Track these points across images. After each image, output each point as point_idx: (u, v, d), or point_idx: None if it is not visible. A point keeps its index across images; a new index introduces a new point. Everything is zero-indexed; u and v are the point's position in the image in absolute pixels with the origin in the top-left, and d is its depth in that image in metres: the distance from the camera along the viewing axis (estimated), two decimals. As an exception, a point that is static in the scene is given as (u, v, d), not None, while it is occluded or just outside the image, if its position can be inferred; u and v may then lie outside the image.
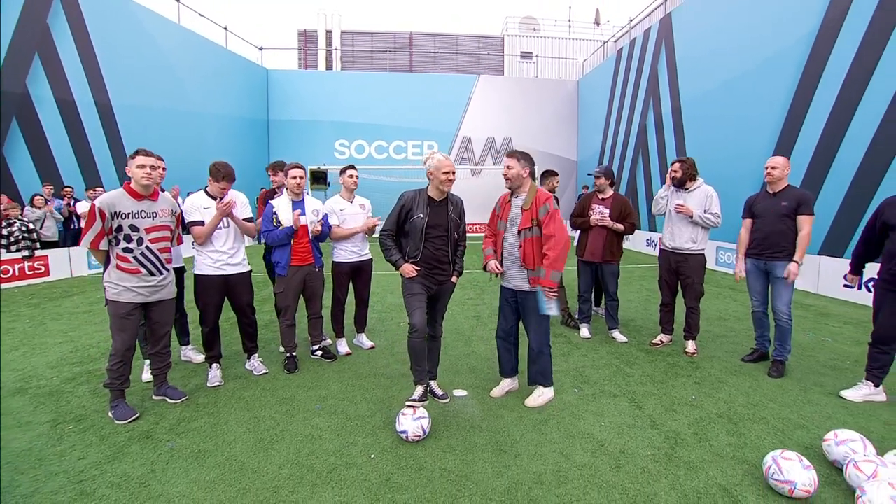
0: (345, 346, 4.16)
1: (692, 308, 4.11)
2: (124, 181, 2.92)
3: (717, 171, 8.31)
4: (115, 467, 2.35)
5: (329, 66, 21.16)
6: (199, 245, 3.35)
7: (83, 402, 3.12)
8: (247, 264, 3.55)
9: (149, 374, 3.46)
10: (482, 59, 21.94)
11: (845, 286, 6.55)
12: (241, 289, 3.50)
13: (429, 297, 3.00)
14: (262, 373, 3.63)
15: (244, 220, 3.50)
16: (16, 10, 8.73)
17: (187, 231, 3.35)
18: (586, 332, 4.66)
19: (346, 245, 3.97)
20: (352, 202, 4.02)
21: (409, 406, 2.76)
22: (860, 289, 6.34)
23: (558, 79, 19.79)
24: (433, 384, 3.22)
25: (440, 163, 2.89)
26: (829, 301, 6.45)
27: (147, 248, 2.88)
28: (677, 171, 4.04)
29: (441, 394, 3.20)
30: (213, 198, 3.36)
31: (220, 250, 3.35)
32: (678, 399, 3.21)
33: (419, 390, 2.97)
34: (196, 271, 3.39)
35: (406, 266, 2.92)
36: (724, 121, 9.90)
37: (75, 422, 2.84)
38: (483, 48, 22.09)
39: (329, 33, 21.42)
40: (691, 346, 4.13)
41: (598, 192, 4.63)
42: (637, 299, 6.40)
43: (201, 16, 14.16)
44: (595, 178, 4.58)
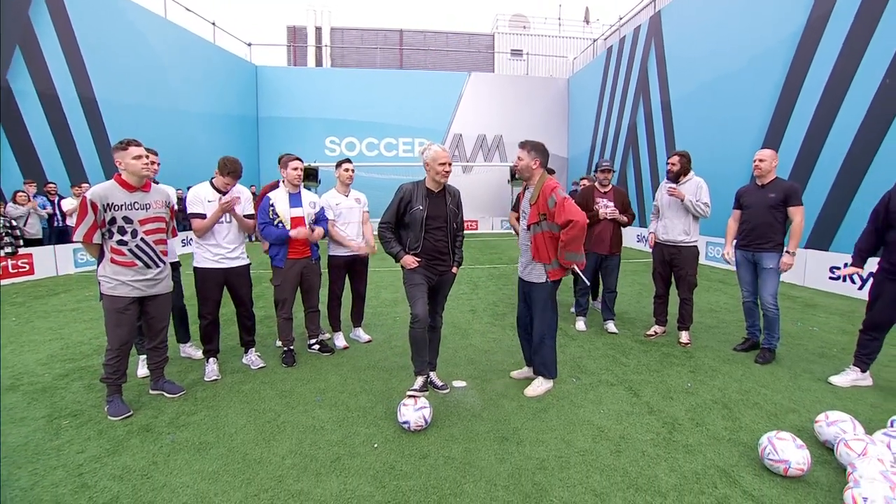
0: (342, 339, 4.15)
1: (686, 299, 4.19)
2: (114, 173, 2.85)
3: (705, 168, 8.40)
4: (116, 460, 2.33)
5: (319, 62, 21.00)
6: (198, 238, 3.32)
7: (78, 398, 3.07)
8: (246, 258, 3.52)
9: (144, 369, 3.42)
10: (473, 56, 21.96)
11: (831, 278, 6.74)
12: (240, 281, 3.48)
13: (429, 288, 3.01)
14: (259, 367, 3.61)
15: (245, 216, 3.49)
16: (-4, 2, 8.50)
17: (185, 226, 3.31)
18: (582, 325, 4.72)
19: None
20: (347, 196, 4.01)
21: (411, 396, 2.77)
22: (845, 281, 6.52)
23: (549, 76, 19.91)
24: (433, 375, 3.24)
25: (437, 154, 2.90)
26: (815, 293, 6.62)
27: (142, 239, 2.83)
28: (675, 164, 4.11)
29: (441, 384, 3.22)
30: (218, 191, 3.34)
31: (220, 244, 3.33)
32: (674, 387, 3.27)
33: (420, 380, 2.98)
34: (195, 264, 3.37)
35: (407, 257, 2.92)
36: (712, 118, 10.07)
37: (71, 417, 2.80)
38: (474, 46, 22.11)
39: (318, 30, 21.24)
40: (685, 337, 4.20)
41: (599, 185, 4.67)
42: (630, 293, 6.49)
43: (188, 10, 13.93)
44: (605, 172, 4.58)
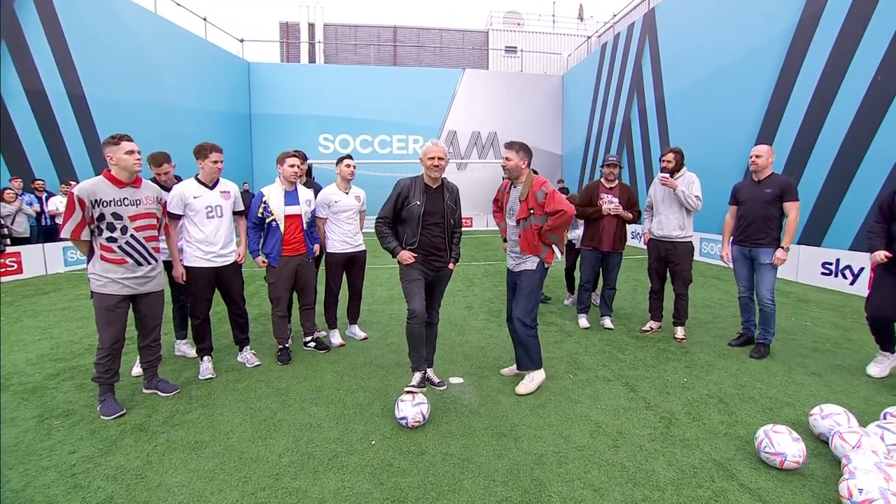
0: (338, 337, 4.12)
1: (681, 294, 4.21)
2: (103, 169, 2.79)
3: (700, 163, 8.45)
4: (109, 460, 2.29)
5: (312, 59, 20.83)
6: (185, 236, 3.26)
7: (69, 398, 3.02)
8: (236, 255, 3.47)
9: (137, 368, 3.38)
10: (467, 53, 21.90)
11: (823, 273, 6.80)
12: (231, 280, 3.43)
13: (426, 284, 3.00)
14: (254, 365, 3.58)
15: (235, 213, 3.47)
16: (-19, -5, 8.32)
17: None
18: (585, 321, 4.67)
19: (340, 235, 3.94)
20: (347, 193, 3.97)
21: (408, 392, 2.76)
22: (837, 276, 6.59)
23: (543, 73, 19.90)
24: (430, 371, 3.22)
25: (427, 149, 2.91)
26: (808, 288, 6.68)
27: (132, 236, 2.77)
28: (671, 160, 4.11)
29: (438, 381, 3.20)
30: (205, 185, 3.29)
31: (210, 242, 3.27)
32: (670, 382, 3.28)
33: (417, 377, 2.97)
34: (185, 262, 3.29)
35: (404, 253, 2.91)
36: (706, 114, 10.12)
37: (63, 417, 2.75)
38: (468, 42, 22.04)
39: (311, 26, 21.06)
40: (680, 332, 4.22)
41: (606, 180, 4.57)
42: (625, 289, 6.52)
43: (179, 5, 13.74)
44: (612, 168, 4.49)
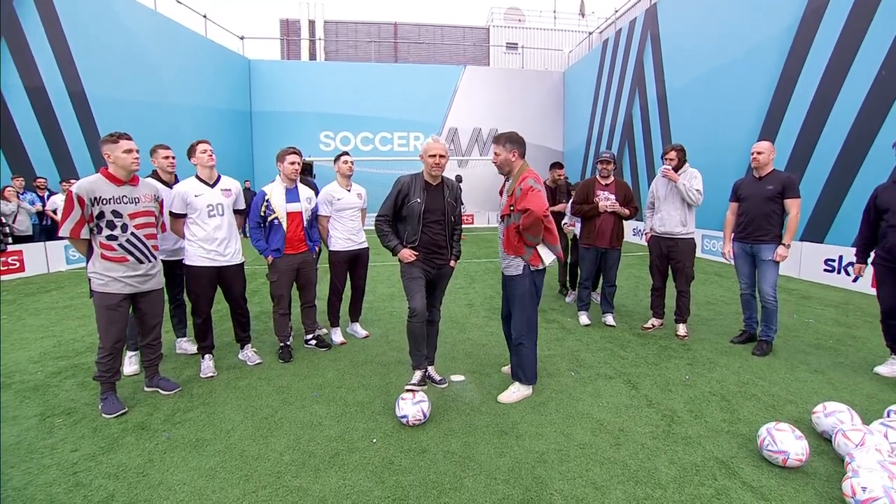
0: (339, 335, 4.12)
1: (683, 292, 4.19)
2: (101, 167, 2.79)
3: (702, 159, 8.42)
4: (111, 458, 2.29)
5: (313, 56, 20.75)
6: (188, 234, 3.26)
7: (71, 396, 3.03)
8: (240, 255, 3.46)
9: (130, 366, 3.38)
10: (468, 49, 21.79)
11: (826, 270, 6.77)
12: (234, 279, 3.42)
13: (427, 281, 2.99)
14: (255, 363, 3.58)
15: (235, 211, 3.45)
16: (-20, -7, 8.30)
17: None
18: (585, 318, 4.65)
19: (343, 233, 3.93)
20: (349, 190, 3.96)
21: (409, 390, 2.76)
22: (840, 273, 6.56)
23: (544, 70, 19.80)
24: (431, 369, 3.22)
25: (427, 146, 2.88)
26: (810, 285, 6.66)
27: (133, 234, 2.77)
28: (674, 158, 4.09)
29: (439, 379, 3.20)
30: (206, 183, 3.28)
31: (213, 240, 3.26)
32: (672, 379, 3.28)
33: (418, 375, 2.97)
34: (186, 261, 3.28)
35: (404, 251, 2.89)
36: (708, 110, 10.06)
37: (65, 415, 2.76)
38: (468, 39, 21.93)
39: (312, 23, 20.96)
40: (682, 329, 4.21)
41: (601, 177, 4.58)
42: (626, 286, 6.50)
43: (179, 2, 13.70)
44: (605, 164, 4.49)
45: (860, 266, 3.52)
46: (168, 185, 3.41)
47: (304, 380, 3.29)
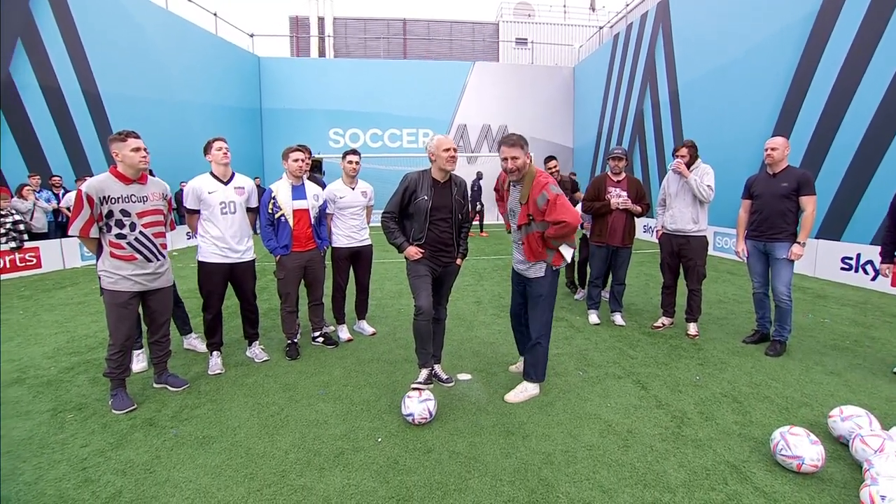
0: (346, 332, 4.12)
1: (694, 290, 4.11)
2: (110, 166, 2.81)
3: (714, 155, 8.28)
4: (119, 454, 2.32)
5: (322, 53, 20.80)
6: (201, 231, 3.28)
7: (83, 391, 3.07)
8: (252, 252, 3.48)
9: (139, 364, 3.42)
10: (477, 45, 21.65)
11: (843, 269, 6.60)
12: (245, 276, 3.45)
13: (433, 279, 2.97)
14: (263, 360, 3.59)
15: (248, 209, 3.46)
16: (-4, -6, 8.43)
17: (182, 220, 3.28)
18: (595, 317, 4.59)
19: (344, 230, 3.92)
20: (353, 189, 3.95)
21: (415, 389, 2.74)
22: (858, 271, 6.39)
23: (554, 65, 19.59)
24: (437, 368, 3.20)
25: (440, 141, 2.85)
26: (826, 284, 6.50)
27: (141, 232, 2.79)
28: (685, 154, 4.00)
29: (446, 377, 3.18)
30: (219, 180, 3.29)
31: (225, 238, 3.28)
32: (682, 380, 3.22)
33: (424, 373, 2.95)
34: (200, 258, 3.33)
35: (411, 248, 2.87)
36: (722, 104, 9.85)
37: (76, 410, 2.80)
38: (478, 35, 21.78)
39: (321, 20, 21.00)
40: (693, 329, 4.13)
41: (612, 174, 4.48)
42: (637, 284, 6.42)
43: (190, 1, 13.80)
44: (616, 161, 4.39)
45: (886, 266, 3.40)
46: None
47: (311, 377, 3.29)
